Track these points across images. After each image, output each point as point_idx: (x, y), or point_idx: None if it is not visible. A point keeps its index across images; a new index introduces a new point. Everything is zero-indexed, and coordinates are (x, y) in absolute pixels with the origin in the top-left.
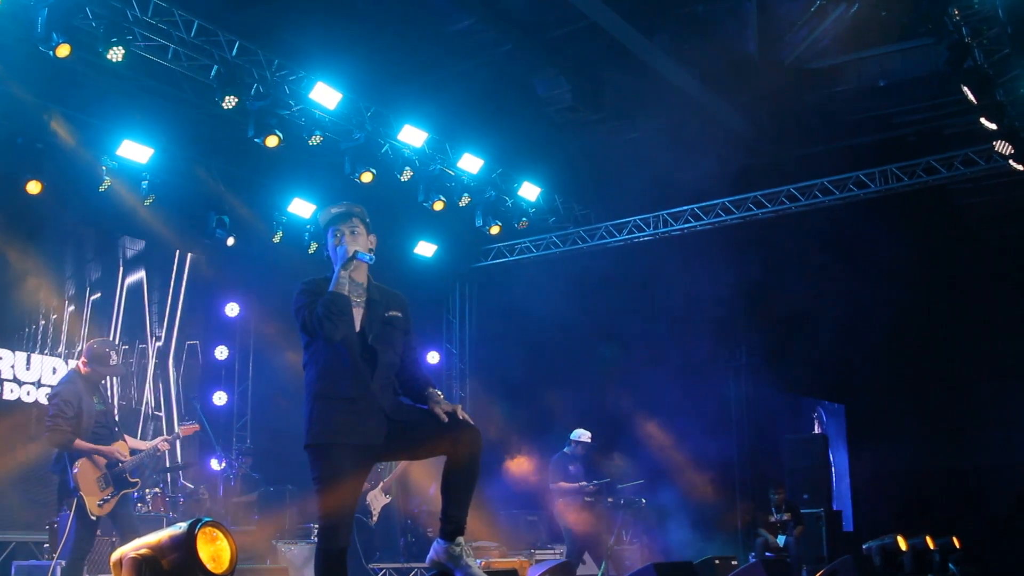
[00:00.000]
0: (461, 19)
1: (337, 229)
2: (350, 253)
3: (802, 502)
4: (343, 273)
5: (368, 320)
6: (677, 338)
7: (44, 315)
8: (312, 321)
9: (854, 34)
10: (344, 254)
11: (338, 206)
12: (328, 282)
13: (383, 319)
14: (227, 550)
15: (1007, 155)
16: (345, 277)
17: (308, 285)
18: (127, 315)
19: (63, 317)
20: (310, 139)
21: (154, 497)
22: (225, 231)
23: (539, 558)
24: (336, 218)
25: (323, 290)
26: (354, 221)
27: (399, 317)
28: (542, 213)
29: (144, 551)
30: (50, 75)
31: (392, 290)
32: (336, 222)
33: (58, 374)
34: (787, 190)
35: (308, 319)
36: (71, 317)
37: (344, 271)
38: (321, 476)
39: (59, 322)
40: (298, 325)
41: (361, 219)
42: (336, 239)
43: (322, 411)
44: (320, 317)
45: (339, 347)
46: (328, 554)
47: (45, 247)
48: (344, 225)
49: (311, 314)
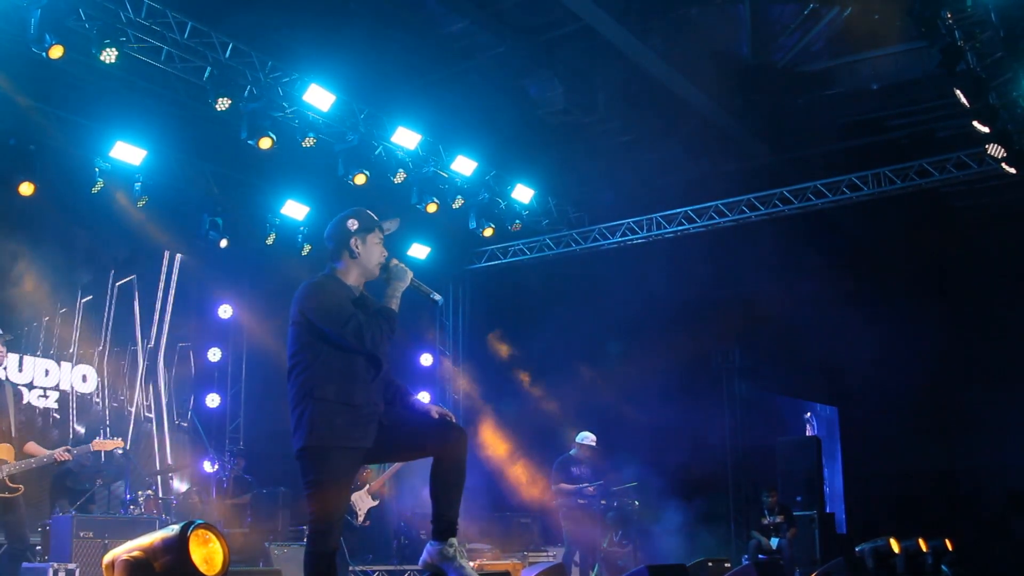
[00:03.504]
0: (455, 22)
1: (378, 234)
2: (408, 277)
3: (795, 504)
4: (399, 289)
5: None
6: (670, 341)
7: (37, 317)
8: (373, 334)
9: (847, 37)
10: (403, 275)
11: (391, 220)
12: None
13: None
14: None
15: (999, 158)
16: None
17: (333, 290)
18: (119, 317)
19: (56, 319)
20: (303, 141)
21: (146, 499)
22: (218, 233)
23: (532, 560)
24: (378, 224)
25: (349, 294)
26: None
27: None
28: (535, 215)
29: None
30: (43, 76)
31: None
32: (379, 227)
33: (51, 376)
34: (780, 192)
35: (367, 329)
36: (63, 319)
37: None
38: (318, 479)
39: (52, 324)
40: (345, 330)
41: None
42: (380, 245)
43: (326, 414)
44: (383, 332)
45: (352, 355)
46: (319, 557)
47: (38, 248)
48: (380, 233)
49: (370, 324)
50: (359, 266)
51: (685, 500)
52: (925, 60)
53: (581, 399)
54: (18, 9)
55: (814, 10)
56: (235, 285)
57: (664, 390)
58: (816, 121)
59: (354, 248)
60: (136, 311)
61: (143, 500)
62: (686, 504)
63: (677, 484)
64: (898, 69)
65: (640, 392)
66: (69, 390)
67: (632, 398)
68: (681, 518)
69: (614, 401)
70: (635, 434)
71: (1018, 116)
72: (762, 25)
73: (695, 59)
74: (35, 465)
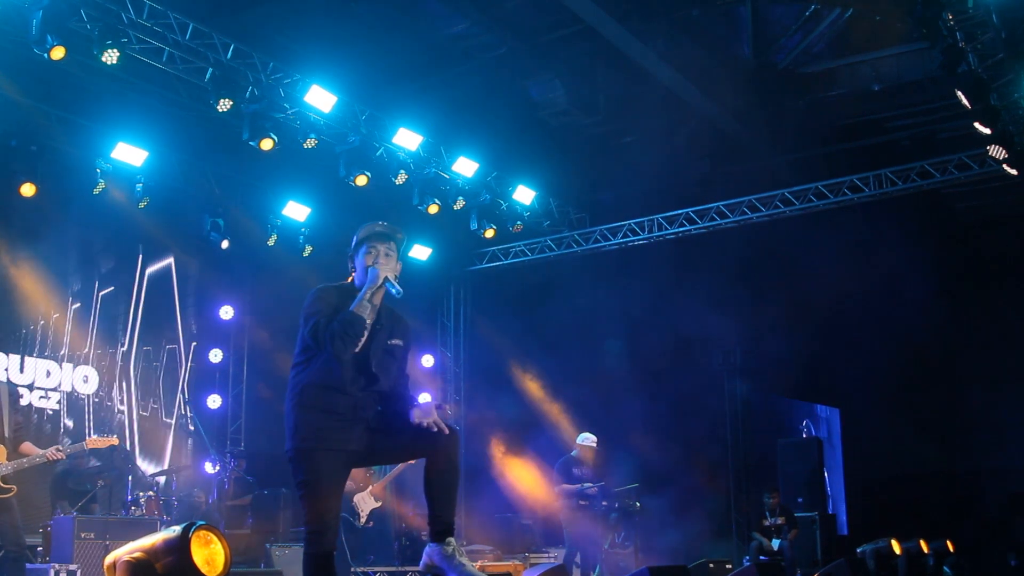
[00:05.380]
0: (456, 23)
1: (373, 246)
2: (380, 279)
3: (796, 506)
4: (368, 295)
5: (371, 347)
6: (672, 341)
7: (38, 318)
8: (324, 335)
9: (848, 39)
10: (375, 277)
11: (383, 225)
12: (343, 292)
13: (385, 347)
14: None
15: (1001, 160)
16: (368, 300)
17: (324, 293)
18: (119, 319)
19: (58, 320)
20: (305, 142)
21: (148, 500)
22: (220, 234)
23: (533, 561)
24: (378, 236)
25: (339, 302)
26: (392, 245)
27: (399, 346)
28: (537, 216)
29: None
30: (45, 78)
31: (398, 314)
32: (375, 239)
33: (52, 377)
34: (781, 194)
35: (321, 331)
36: (66, 320)
37: (368, 293)
38: (305, 480)
39: (54, 325)
40: (306, 330)
41: (398, 245)
42: (371, 256)
43: (308, 420)
44: (334, 334)
45: (339, 366)
46: (315, 558)
47: (39, 249)
48: (382, 245)
49: (325, 327)
50: (364, 279)
51: (686, 501)
52: (926, 61)
53: (582, 400)
54: (20, 10)
55: (815, 11)
56: (236, 286)
57: (665, 391)
58: (817, 122)
59: (351, 261)
60: (135, 313)
61: (144, 501)
62: (687, 505)
63: (678, 485)
64: (899, 70)
65: (641, 393)
66: (70, 391)
67: (633, 399)
68: (682, 519)
69: (615, 402)
70: (636, 435)
71: (1019, 118)
72: (763, 26)
73: (697, 60)
74: (27, 465)
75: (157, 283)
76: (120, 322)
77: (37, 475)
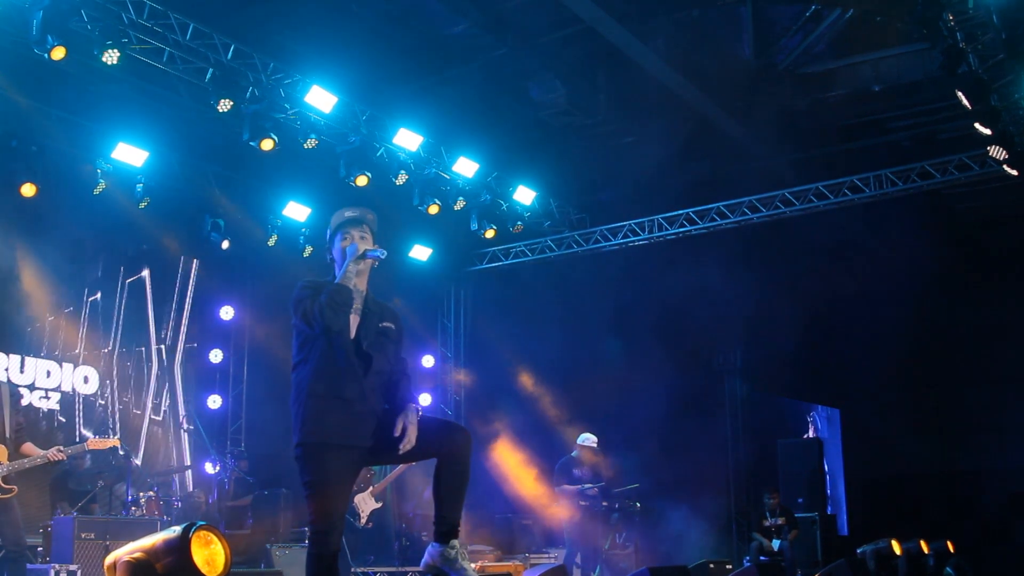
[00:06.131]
0: (456, 23)
1: (347, 232)
2: (361, 250)
3: (797, 506)
4: (351, 267)
5: (363, 329)
6: (672, 342)
7: (39, 318)
8: (314, 309)
9: (848, 39)
10: (354, 251)
11: (352, 210)
12: (328, 284)
13: (377, 329)
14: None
15: (1001, 160)
16: (353, 271)
17: (308, 283)
18: (116, 319)
19: (58, 320)
20: (305, 142)
21: (148, 501)
22: (220, 234)
23: (534, 562)
24: (349, 222)
25: (324, 288)
26: (365, 228)
27: (392, 328)
28: (537, 217)
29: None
30: (45, 78)
31: (386, 303)
32: (347, 226)
33: (52, 377)
34: (782, 194)
35: (309, 308)
36: (65, 320)
37: (353, 265)
38: (313, 480)
39: (53, 325)
40: (296, 317)
41: (371, 227)
42: (346, 242)
43: (318, 409)
44: (323, 305)
45: (336, 348)
46: (320, 559)
47: (39, 249)
48: (355, 229)
49: (313, 303)
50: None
51: (686, 502)
52: (927, 62)
53: (582, 400)
54: (20, 10)
55: (816, 12)
56: (237, 286)
57: (665, 391)
58: (818, 122)
59: (329, 254)
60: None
61: (144, 501)
62: (688, 506)
63: (679, 485)
64: (900, 71)
65: (641, 393)
66: (71, 391)
67: (633, 399)
68: (683, 520)
69: (615, 402)
70: (636, 435)
71: (1020, 118)
72: (764, 27)
73: (697, 61)
74: (28, 466)
75: (157, 282)
76: (119, 322)
77: (37, 475)
